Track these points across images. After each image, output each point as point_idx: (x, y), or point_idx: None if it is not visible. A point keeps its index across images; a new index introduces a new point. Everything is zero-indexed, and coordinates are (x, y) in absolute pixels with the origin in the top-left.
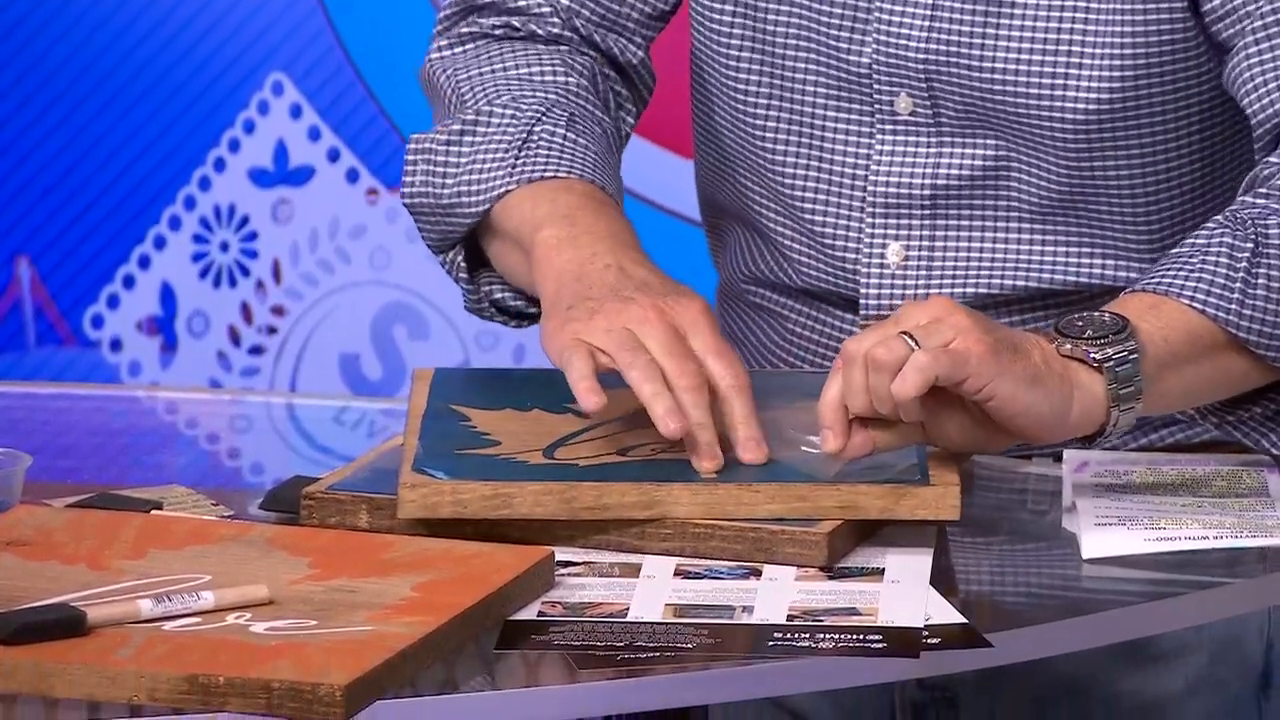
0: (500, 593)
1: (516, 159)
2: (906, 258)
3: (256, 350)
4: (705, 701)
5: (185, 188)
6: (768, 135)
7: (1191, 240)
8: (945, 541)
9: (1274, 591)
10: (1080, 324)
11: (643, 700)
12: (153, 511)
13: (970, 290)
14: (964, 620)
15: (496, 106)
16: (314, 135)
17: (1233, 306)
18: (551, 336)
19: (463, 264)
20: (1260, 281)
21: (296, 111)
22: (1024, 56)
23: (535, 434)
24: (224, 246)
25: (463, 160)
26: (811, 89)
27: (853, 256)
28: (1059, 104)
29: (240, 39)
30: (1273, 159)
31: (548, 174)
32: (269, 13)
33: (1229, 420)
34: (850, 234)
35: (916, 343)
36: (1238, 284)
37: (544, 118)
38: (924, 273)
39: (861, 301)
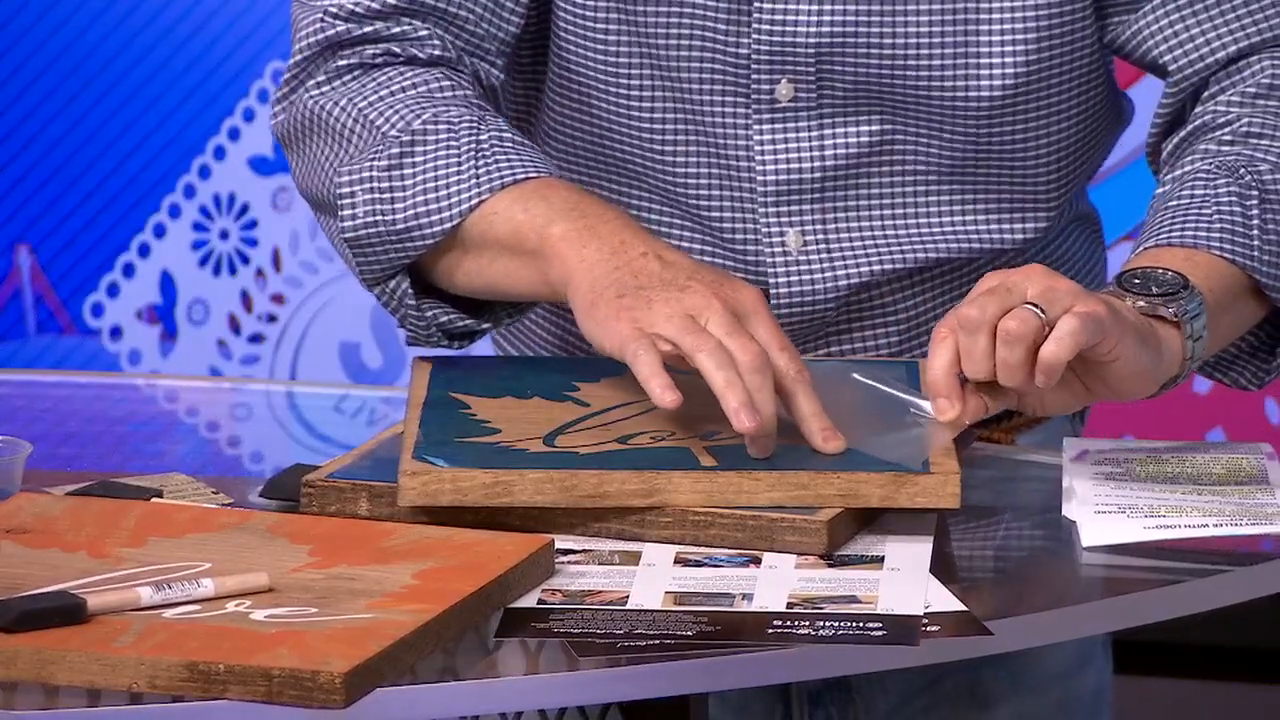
0: (500, 580)
1: (477, 168)
2: (805, 243)
3: (256, 338)
4: (705, 689)
5: (185, 176)
6: (656, 133)
7: (1190, 190)
8: (945, 529)
9: (1273, 579)
10: (1139, 281)
11: (642, 688)
12: (153, 499)
13: (876, 267)
14: (964, 608)
15: (427, 124)
16: None
17: (1254, 253)
18: (605, 324)
19: (409, 290)
20: (1270, 227)
21: None
22: (925, 39)
23: (535, 421)
24: (224, 235)
25: (411, 182)
26: (696, 81)
27: (754, 248)
28: (963, 86)
29: (240, 27)
30: (1218, 107)
31: (519, 177)
32: (268, 1)
33: (1208, 362)
34: (748, 225)
35: (1042, 311)
36: (1254, 231)
37: (482, 125)
38: (825, 256)
39: (772, 291)
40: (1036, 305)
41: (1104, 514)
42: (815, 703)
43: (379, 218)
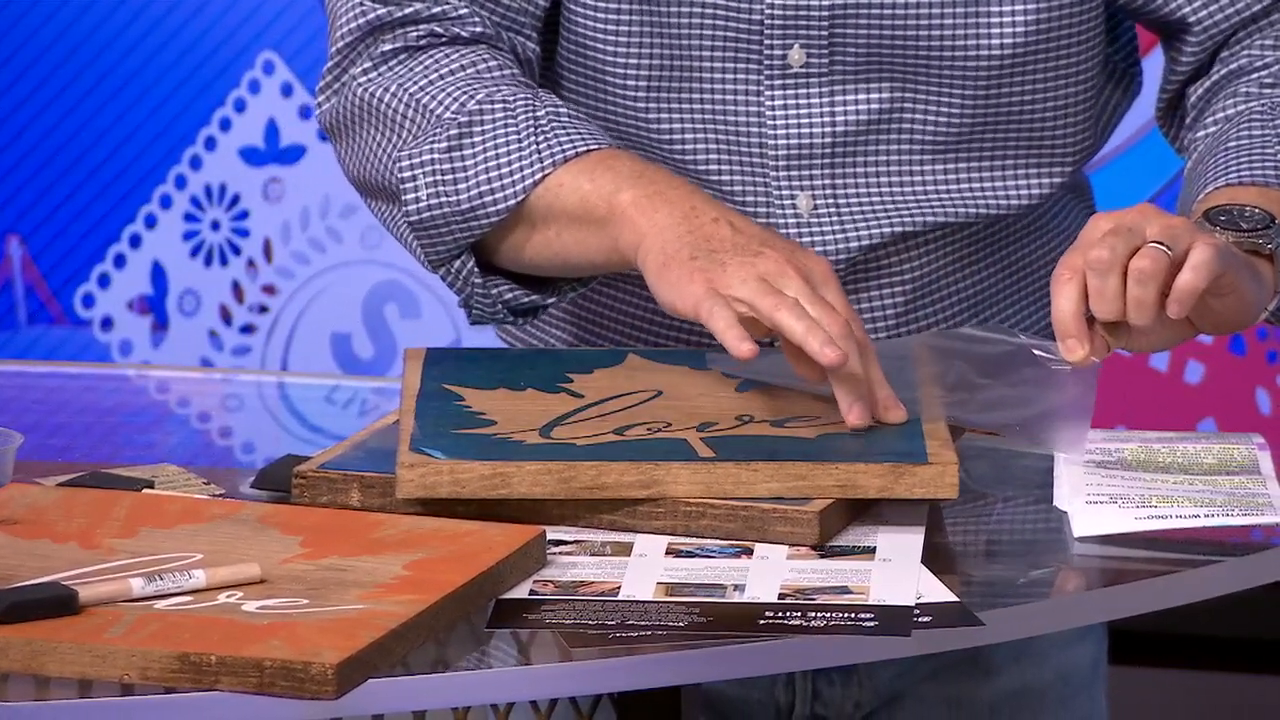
0: (492, 571)
1: (538, 144)
2: (815, 207)
3: (248, 329)
4: (697, 680)
5: (176, 167)
6: (661, 109)
7: (1248, 131)
8: (937, 520)
9: (1265, 569)
10: (1226, 218)
11: (634, 679)
12: (144, 490)
13: (886, 229)
14: (955, 599)
15: (482, 104)
16: (305, 114)
17: None
18: (679, 286)
19: (475, 268)
20: None
21: (288, 90)
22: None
23: (530, 413)
24: (215, 225)
25: (473, 162)
26: (707, 50)
27: (764, 211)
28: (973, 45)
29: (231, 17)
30: (1252, 51)
31: (580, 149)
32: None
33: None
34: (758, 190)
35: (1168, 248)
36: None
37: (538, 102)
38: (835, 218)
39: None
40: (1161, 243)
41: (1095, 504)
42: (819, 670)
43: (443, 199)
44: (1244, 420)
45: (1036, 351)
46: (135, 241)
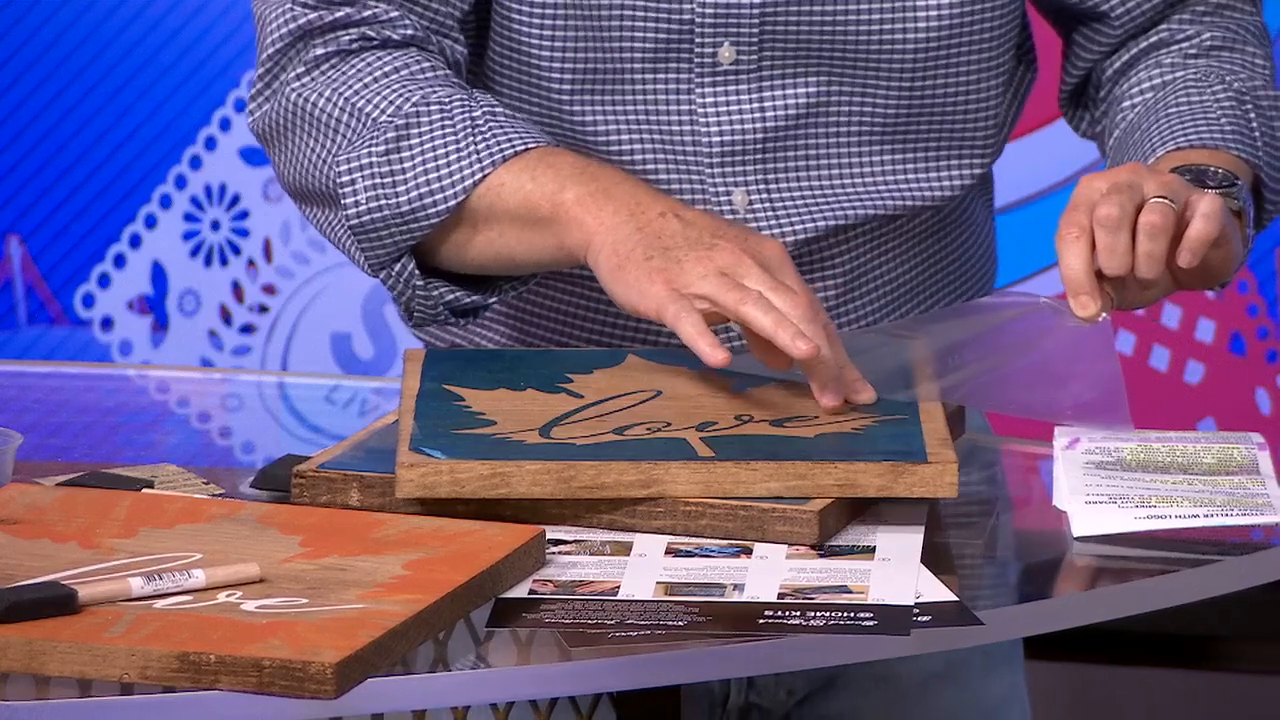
0: (491, 571)
1: (476, 144)
2: (751, 202)
3: (248, 329)
4: (696, 680)
5: (176, 167)
6: (594, 109)
7: (1186, 96)
8: (936, 520)
9: (1265, 569)
10: (1191, 177)
11: (634, 678)
12: (144, 490)
13: (821, 223)
14: (954, 598)
15: (418, 106)
16: None
17: (1258, 154)
18: (638, 286)
19: (415, 271)
20: (1263, 129)
21: None
22: None
23: (530, 413)
24: (215, 225)
25: (411, 164)
26: (639, 51)
27: (701, 209)
28: (899, 34)
29: (231, 17)
30: (1173, 25)
31: (520, 148)
32: None
33: None
34: (694, 188)
35: (1172, 202)
36: (1256, 134)
37: (474, 103)
38: (770, 213)
39: None
40: (1164, 197)
41: (1095, 504)
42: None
43: (383, 202)
44: (1244, 420)
45: (1045, 300)
46: (135, 241)
